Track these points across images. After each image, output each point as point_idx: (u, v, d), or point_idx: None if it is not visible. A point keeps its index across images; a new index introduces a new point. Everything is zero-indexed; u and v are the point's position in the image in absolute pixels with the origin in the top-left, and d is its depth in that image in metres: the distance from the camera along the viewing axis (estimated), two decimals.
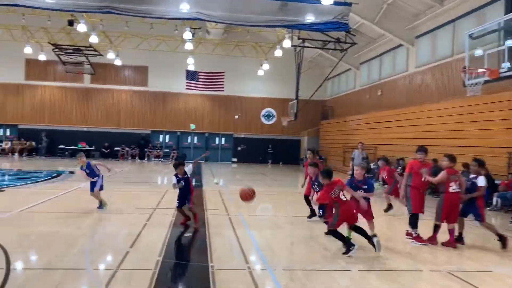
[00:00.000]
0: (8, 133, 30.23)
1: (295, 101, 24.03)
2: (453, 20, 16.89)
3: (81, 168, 9.66)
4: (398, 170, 14.28)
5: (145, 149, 30.67)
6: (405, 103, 19.75)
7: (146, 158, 30.28)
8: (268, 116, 32.09)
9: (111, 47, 27.54)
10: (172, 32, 25.09)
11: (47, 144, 29.34)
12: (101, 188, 9.75)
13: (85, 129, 30.43)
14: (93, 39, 23.60)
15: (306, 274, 5.64)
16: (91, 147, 29.79)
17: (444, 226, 7.46)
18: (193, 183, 8.73)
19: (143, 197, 12.73)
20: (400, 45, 20.74)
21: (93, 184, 9.64)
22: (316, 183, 8.65)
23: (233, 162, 31.69)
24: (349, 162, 24.12)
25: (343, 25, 15.65)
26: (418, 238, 7.47)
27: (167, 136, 31.86)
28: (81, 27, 20.91)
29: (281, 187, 17.66)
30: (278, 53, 25.16)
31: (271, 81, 31.18)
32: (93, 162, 9.89)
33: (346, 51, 21.90)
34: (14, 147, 29.11)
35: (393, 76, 21.79)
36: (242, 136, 31.95)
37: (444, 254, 6.98)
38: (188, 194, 8.40)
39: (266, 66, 28.44)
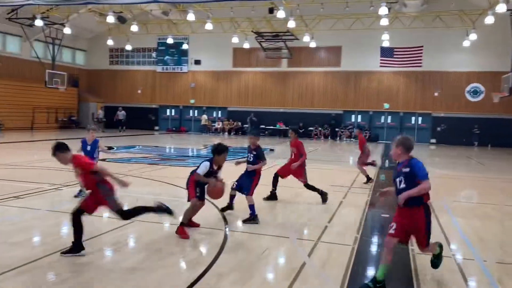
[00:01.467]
0: (220, 114, 34.64)
1: (511, 74, 20.79)
2: None
3: (83, 141, 8.35)
4: None
5: (336, 129, 31.09)
6: None
7: (337, 138, 30.72)
8: (475, 92, 28.56)
9: (306, 30, 28.54)
10: (367, 9, 24.49)
11: (253, 124, 32.49)
12: None
13: (281, 110, 32.55)
14: (291, 24, 24.84)
15: None
16: (287, 127, 31.74)
17: None
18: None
19: (337, 175, 13.02)
20: None
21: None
22: (251, 153, 7.20)
23: (431, 143, 29.47)
24: None
25: None
26: None
27: (359, 116, 31.58)
28: (280, 14, 22.28)
29: (490, 172, 15.62)
30: (489, 20, 21.99)
31: (478, 53, 27.56)
32: (100, 143, 8.57)
33: None
34: (225, 126, 33.21)
35: None
36: (442, 115, 29.33)
37: None
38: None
39: (473, 36, 25.24)
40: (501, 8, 18.64)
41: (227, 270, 4.66)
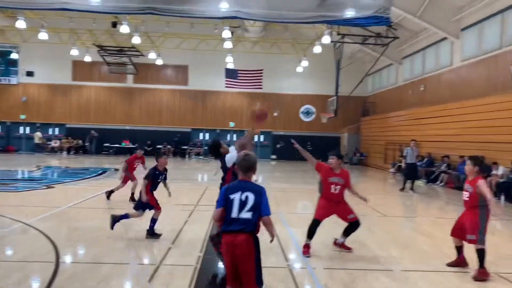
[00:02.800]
0: (57, 132, 31.62)
1: (335, 97, 23.77)
2: (501, 11, 16.11)
3: None
4: (443, 167, 13.95)
5: (184, 147, 31.20)
6: (449, 98, 19.06)
7: (187, 156, 30.83)
8: (307, 113, 31.85)
9: (152, 47, 28.21)
10: (211, 31, 25.35)
11: (93, 141, 30.40)
12: None
13: (128, 127, 31.34)
14: (136, 40, 24.26)
15: (348, 274, 5.57)
16: (134, 145, 30.62)
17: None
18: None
19: (183, 194, 12.95)
20: (444, 38, 20.01)
21: None
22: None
23: (272, 159, 31.71)
24: (390, 160, 23.63)
25: (384, 19, 15.24)
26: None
27: (207, 134, 32.28)
28: (124, 29, 21.55)
29: None
30: (317, 49, 24.88)
31: (310, 78, 30.94)
32: None
33: (387, 45, 21.39)
34: (63, 145, 30.43)
35: (437, 70, 21.07)
36: (281, 133, 31.88)
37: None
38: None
39: (305, 63, 28.23)
40: (326, 39, 21.23)
41: None
